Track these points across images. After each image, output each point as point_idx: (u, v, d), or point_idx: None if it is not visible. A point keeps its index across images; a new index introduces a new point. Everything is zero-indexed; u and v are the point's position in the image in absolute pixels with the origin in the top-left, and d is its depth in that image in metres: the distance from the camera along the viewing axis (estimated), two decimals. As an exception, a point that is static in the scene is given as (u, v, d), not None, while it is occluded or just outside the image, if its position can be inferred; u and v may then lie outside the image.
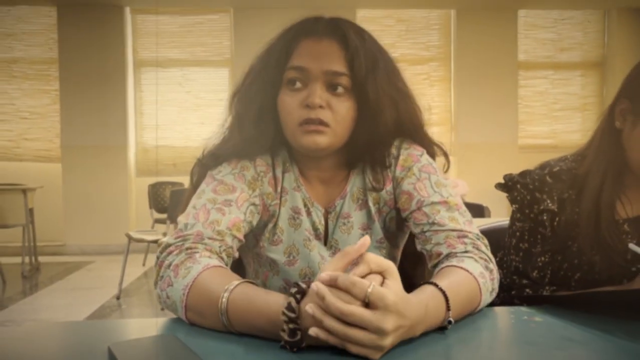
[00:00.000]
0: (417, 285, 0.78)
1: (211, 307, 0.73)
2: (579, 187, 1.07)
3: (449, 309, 0.74)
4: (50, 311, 3.77)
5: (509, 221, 1.17)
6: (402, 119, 1.00)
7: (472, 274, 0.83)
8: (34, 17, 6.37)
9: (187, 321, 0.78)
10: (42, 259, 5.53)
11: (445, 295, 0.74)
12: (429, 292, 0.75)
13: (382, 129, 0.97)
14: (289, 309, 0.65)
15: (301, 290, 0.66)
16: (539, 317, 0.83)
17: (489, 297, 0.87)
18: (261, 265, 1.06)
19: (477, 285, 0.83)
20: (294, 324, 0.65)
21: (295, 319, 0.65)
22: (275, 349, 0.67)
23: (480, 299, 0.83)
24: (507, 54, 6.58)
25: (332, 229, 1.04)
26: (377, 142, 0.99)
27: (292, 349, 0.66)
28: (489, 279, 0.87)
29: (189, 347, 0.64)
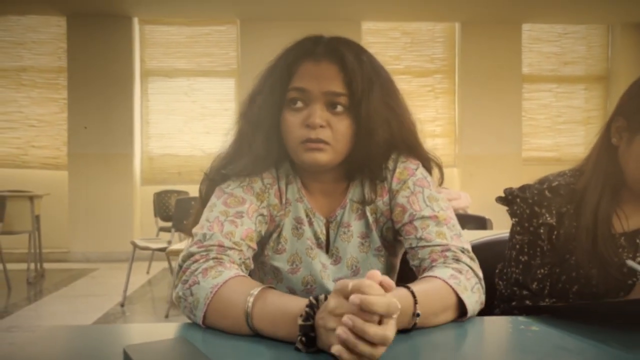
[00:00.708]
0: None
1: (237, 309, 0.78)
2: (577, 201, 1.09)
3: (416, 302, 0.79)
4: (54, 318, 3.79)
5: (509, 234, 1.20)
6: (395, 136, 1.04)
7: (439, 278, 0.88)
8: (43, 27, 6.46)
9: (201, 320, 0.81)
10: (47, 265, 5.55)
11: (413, 294, 0.79)
12: (401, 293, 0.79)
13: (376, 146, 1.02)
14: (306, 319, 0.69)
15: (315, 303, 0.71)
16: (535, 327, 0.85)
17: (472, 294, 0.90)
18: (265, 273, 1.11)
19: (447, 285, 0.87)
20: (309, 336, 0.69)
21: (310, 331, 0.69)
22: (285, 354, 0.70)
23: (455, 298, 0.87)
24: (511, 67, 6.60)
25: (333, 238, 1.08)
26: (373, 157, 1.04)
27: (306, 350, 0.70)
28: (465, 278, 0.90)
29: (202, 350, 0.67)
